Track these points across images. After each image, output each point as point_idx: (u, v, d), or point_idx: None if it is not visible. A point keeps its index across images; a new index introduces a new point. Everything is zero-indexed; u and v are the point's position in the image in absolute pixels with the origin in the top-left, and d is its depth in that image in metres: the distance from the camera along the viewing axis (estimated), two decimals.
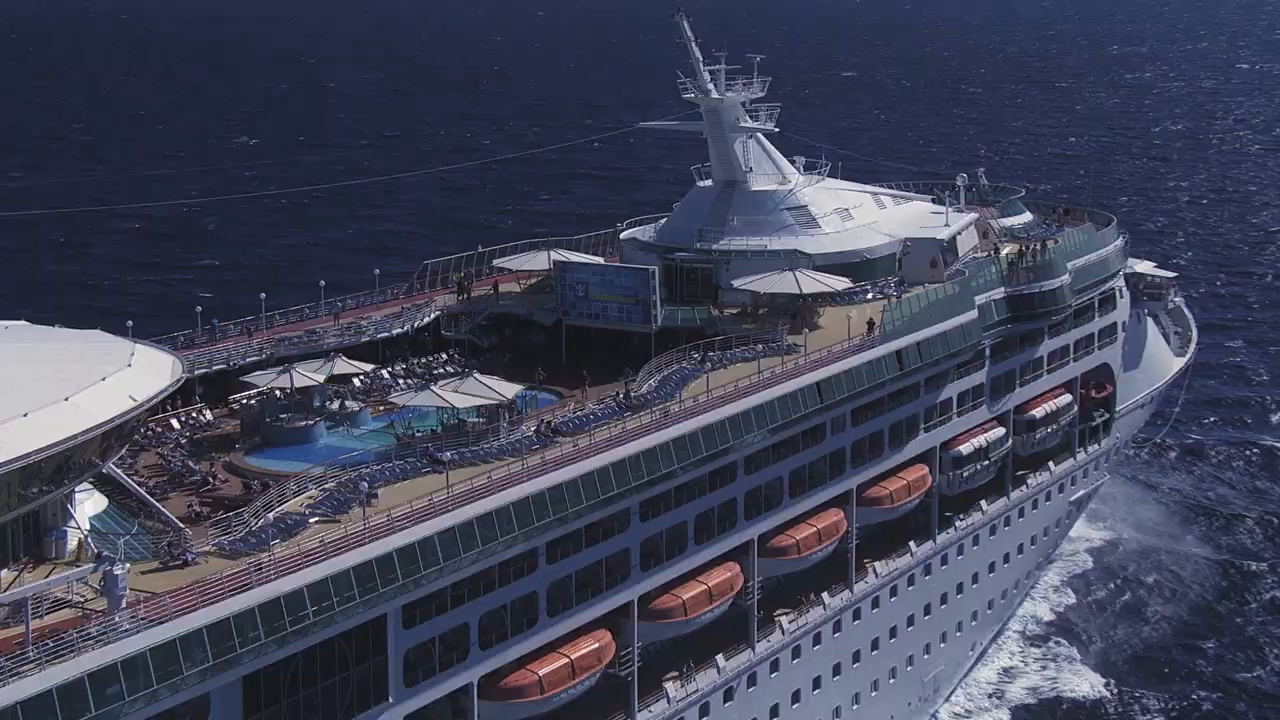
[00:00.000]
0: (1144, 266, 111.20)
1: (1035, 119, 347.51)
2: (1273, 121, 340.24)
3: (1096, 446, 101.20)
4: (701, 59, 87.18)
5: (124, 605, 45.78)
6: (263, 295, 77.33)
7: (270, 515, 53.88)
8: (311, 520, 53.81)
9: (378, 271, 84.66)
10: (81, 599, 46.88)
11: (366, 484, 56.35)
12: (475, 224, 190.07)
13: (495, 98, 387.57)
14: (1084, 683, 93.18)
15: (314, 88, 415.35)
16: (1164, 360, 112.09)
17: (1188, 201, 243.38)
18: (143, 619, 45.62)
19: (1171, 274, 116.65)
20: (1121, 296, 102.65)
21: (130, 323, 63.98)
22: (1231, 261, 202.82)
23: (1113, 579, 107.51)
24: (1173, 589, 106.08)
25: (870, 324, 76.88)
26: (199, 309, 74.20)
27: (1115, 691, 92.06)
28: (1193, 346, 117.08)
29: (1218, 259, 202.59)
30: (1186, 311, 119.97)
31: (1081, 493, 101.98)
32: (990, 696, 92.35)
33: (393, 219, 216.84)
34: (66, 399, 48.28)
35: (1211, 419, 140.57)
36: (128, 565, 47.09)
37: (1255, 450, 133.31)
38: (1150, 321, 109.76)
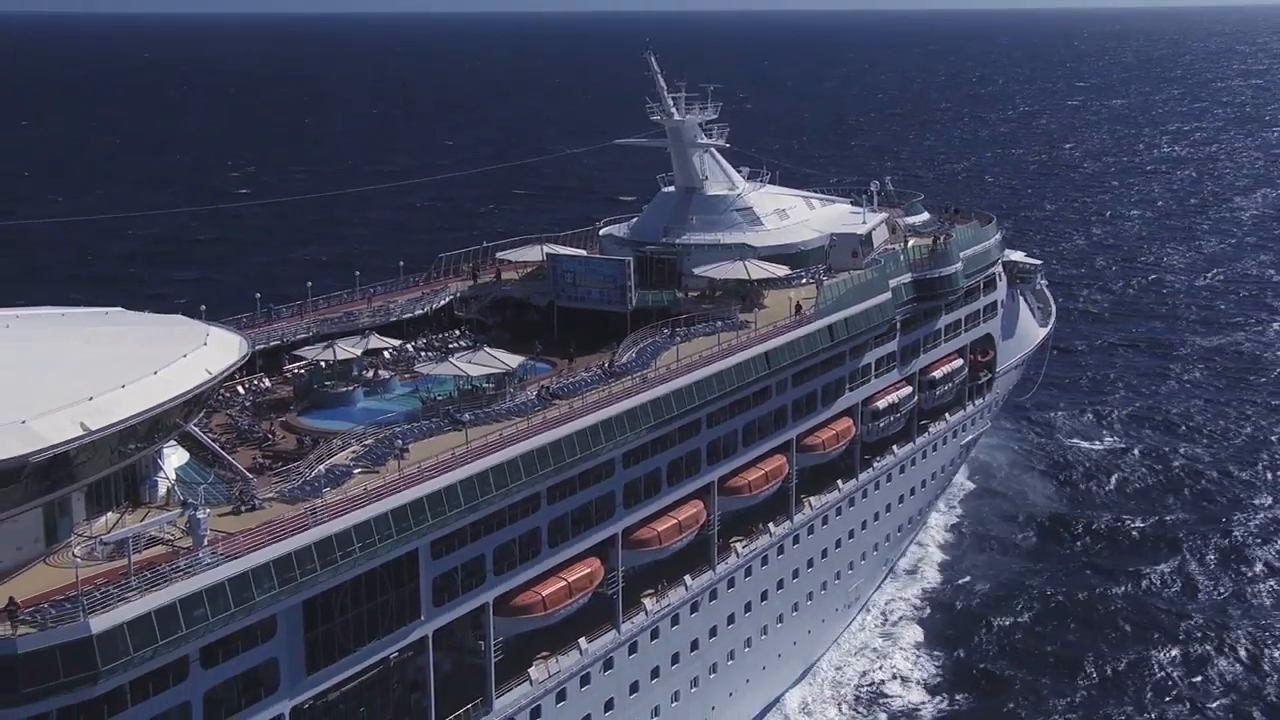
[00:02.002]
0: (1017, 255, 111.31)
1: (911, 142, 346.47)
2: (1098, 149, 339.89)
3: (981, 400, 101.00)
4: (666, 87, 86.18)
5: (206, 543, 45.27)
6: (309, 283, 76.26)
7: (321, 467, 53.25)
8: (355, 471, 53.02)
9: (401, 263, 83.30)
10: (172, 538, 46.27)
11: (400, 441, 55.69)
12: (424, 240, 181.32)
13: (461, 126, 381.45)
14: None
15: (308, 121, 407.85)
16: (1032, 331, 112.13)
17: (1036, 210, 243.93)
18: (221, 554, 45.15)
19: (1038, 261, 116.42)
20: (1000, 280, 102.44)
21: (203, 307, 62.65)
22: (1074, 254, 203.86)
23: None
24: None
25: (798, 307, 76.10)
26: (258, 295, 72.86)
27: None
28: (1052, 320, 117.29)
29: (1063, 252, 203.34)
30: (1048, 292, 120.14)
31: (970, 438, 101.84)
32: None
33: (357, 234, 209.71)
34: (155, 373, 47.84)
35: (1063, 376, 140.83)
36: (209, 510, 46.67)
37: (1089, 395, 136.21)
38: (1021, 299, 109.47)
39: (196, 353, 50.46)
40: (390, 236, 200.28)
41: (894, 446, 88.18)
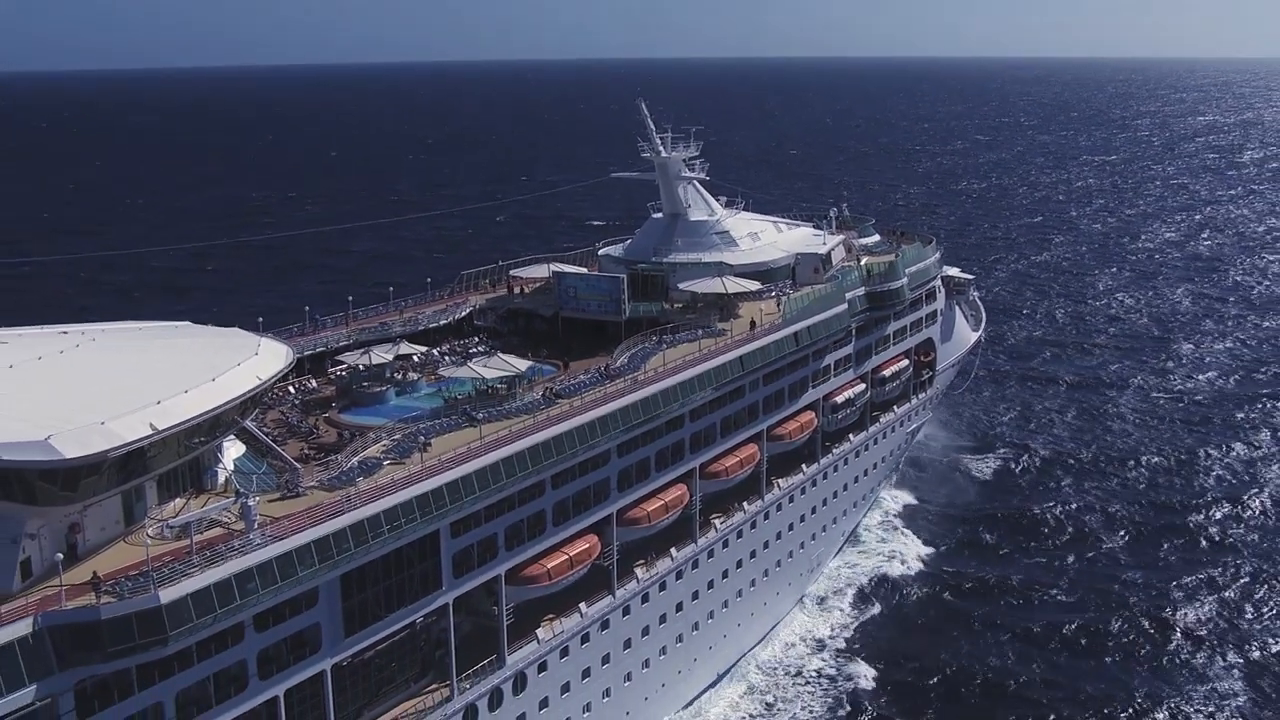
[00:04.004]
0: (953, 270, 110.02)
1: (861, 173, 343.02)
2: (1021, 178, 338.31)
3: (924, 394, 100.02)
4: (654, 129, 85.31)
5: (256, 526, 44.78)
6: (350, 298, 75.23)
7: (355, 459, 52.58)
8: (385, 463, 52.30)
9: (429, 280, 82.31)
10: (228, 521, 45.86)
11: (423, 436, 54.91)
12: (410, 270, 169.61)
13: (469, 160, 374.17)
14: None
15: (323, 156, 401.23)
16: (966, 335, 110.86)
17: (967, 230, 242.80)
18: (270, 535, 44.70)
19: (970, 276, 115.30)
20: (939, 292, 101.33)
21: (261, 319, 61.66)
22: (1002, 268, 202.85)
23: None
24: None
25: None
26: (307, 308, 71.90)
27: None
28: (983, 325, 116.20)
29: (991, 267, 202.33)
30: (979, 301, 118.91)
31: (914, 426, 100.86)
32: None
33: (385, 255, 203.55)
34: (214, 379, 47.52)
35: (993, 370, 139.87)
36: (258, 499, 46.15)
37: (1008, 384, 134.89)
38: (957, 308, 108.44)
39: (249, 361, 49.99)
40: (414, 257, 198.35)
41: (850, 435, 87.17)
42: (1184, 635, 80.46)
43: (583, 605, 60.81)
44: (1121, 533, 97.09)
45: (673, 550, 67.55)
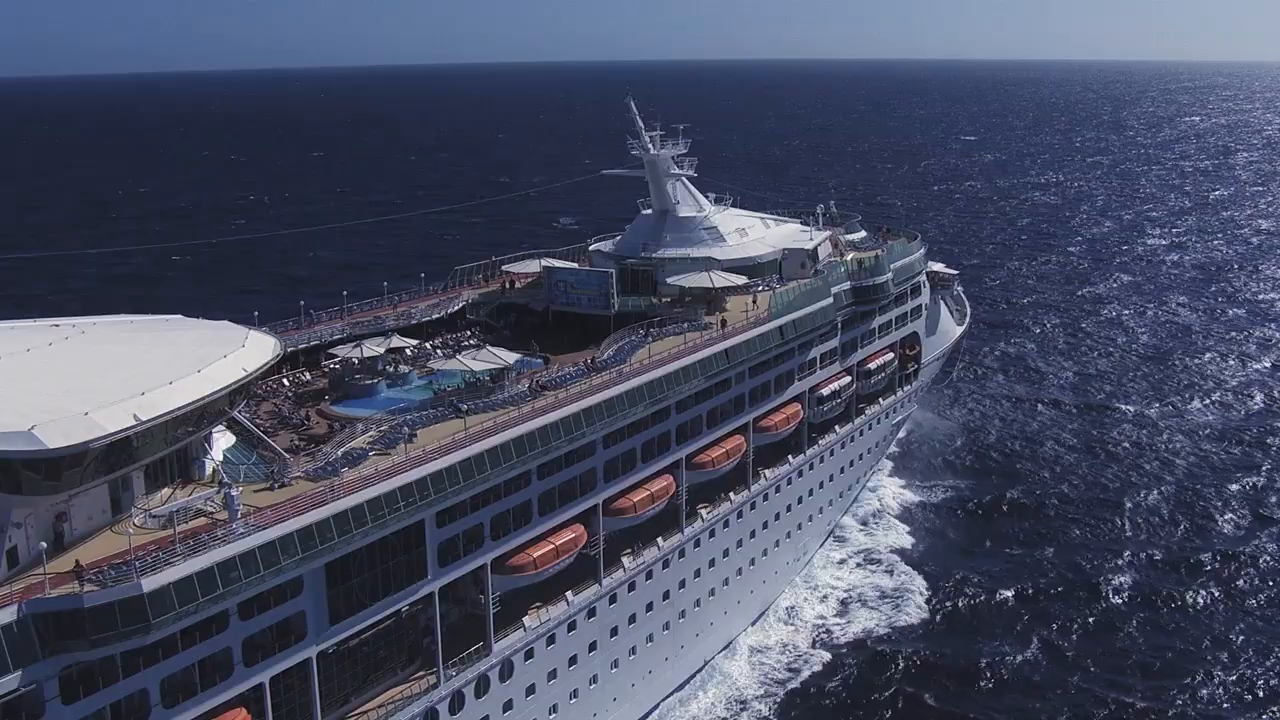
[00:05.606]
0: (938, 266, 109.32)
1: (846, 172, 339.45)
2: (1006, 177, 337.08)
3: (909, 387, 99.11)
4: (644, 126, 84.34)
5: (240, 516, 44.09)
6: (345, 292, 74.30)
7: (340, 450, 51.85)
8: (370, 454, 51.45)
9: (423, 275, 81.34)
10: (212, 511, 45.18)
11: (408, 427, 54.12)
12: (390, 265, 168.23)
13: (463, 161, 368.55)
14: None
15: (312, 158, 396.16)
16: (950, 329, 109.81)
17: (952, 227, 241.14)
18: (253, 525, 43.96)
19: (955, 271, 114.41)
20: (924, 286, 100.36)
21: (256, 313, 60.80)
22: (985, 267, 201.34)
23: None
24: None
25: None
26: (302, 303, 70.93)
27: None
28: (967, 319, 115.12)
29: (976, 263, 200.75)
30: (963, 296, 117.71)
31: (899, 418, 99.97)
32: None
33: (384, 252, 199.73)
34: (199, 371, 46.95)
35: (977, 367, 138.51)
36: (241, 489, 45.56)
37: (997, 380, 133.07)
38: (941, 303, 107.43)
39: (235, 354, 49.40)
40: (408, 253, 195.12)
41: (836, 426, 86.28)
42: (1185, 701, 70.38)
43: (569, 594, 59.99)
44: (1110, 573, 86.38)
45: (659, 540, 66.73)
